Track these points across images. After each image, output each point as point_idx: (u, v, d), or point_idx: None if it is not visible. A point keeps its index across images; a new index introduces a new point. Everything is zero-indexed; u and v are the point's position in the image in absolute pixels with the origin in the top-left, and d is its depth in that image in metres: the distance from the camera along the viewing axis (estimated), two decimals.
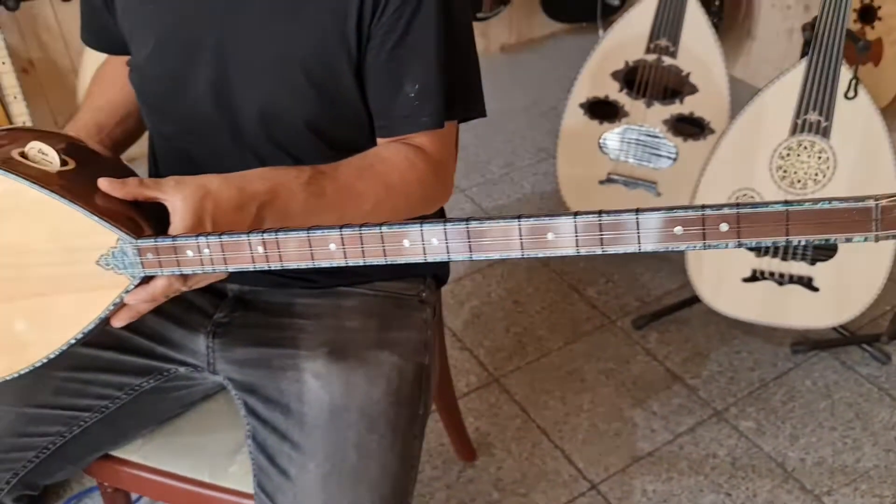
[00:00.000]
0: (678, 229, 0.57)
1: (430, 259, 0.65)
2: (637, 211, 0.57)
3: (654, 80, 1.82)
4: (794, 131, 1.56)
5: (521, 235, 0.61)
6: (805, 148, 1.56)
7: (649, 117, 1.84)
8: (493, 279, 2.03)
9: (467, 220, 0.63)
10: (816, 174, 1.57)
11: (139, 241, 0.74)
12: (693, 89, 1.80)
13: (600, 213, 0.59)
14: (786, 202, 0.54)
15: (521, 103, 2.74)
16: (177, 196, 0.75)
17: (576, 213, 0.59)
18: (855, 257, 1.60)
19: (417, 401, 0.98)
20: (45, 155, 0.80)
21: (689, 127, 1.83)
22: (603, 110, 1.88)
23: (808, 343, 1.79)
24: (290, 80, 0.91)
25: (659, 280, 2.00)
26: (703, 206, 0.56)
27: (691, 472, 1.57)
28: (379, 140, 0.95)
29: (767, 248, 1.63)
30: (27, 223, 0.78)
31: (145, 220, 0.77)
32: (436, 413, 1.49)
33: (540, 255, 0.61)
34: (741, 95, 1.76)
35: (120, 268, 0.76)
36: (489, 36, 2.99)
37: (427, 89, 0.90)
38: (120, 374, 1.00)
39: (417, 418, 0.98)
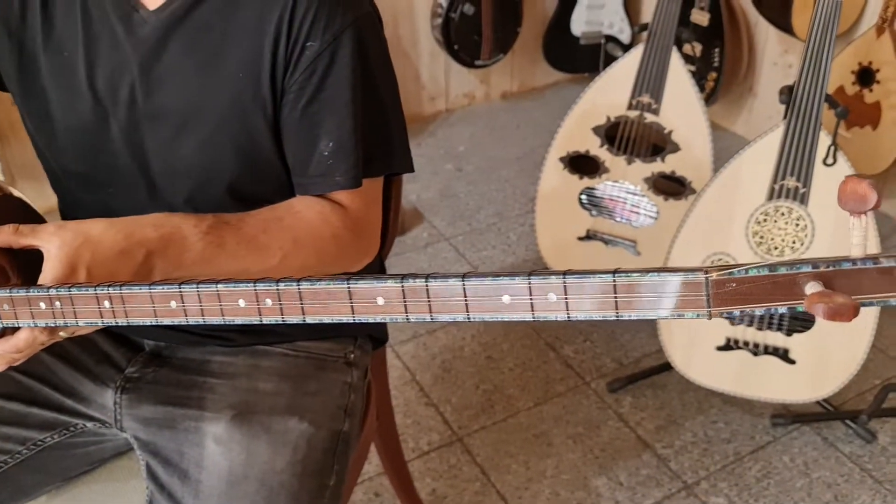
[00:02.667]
0: (506, 298, 0.52)
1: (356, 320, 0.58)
2: (463, 277, 0.53)
3: (635, 137, 1.78)
4: (771, 196, 1.50)
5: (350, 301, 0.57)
6: (782, 214, 1.50)
7: (630, 174, 1.79)
8: (469, 332, 1.97)
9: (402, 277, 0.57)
10: (794, 242, 1.50)
11: None
12: (675, 147, 1.75)
13: (427, 277, 0.54)
14: (615, 271, 0.49)
15: (517, 152, 2.71)
16: (53, 243, 0.72)
17: (403, 276, 0.55)
18: (834, 328, 1.53)
19: (328, 470, 0.93)
20: None
21: (671, 185, 1.77)
22: (583, 165, 1.84)
23: (790, 416, 1.70)
24: (206, 138, 0.88)
25: (639, 341, 1.94)
26: (531, 273, 0.51)
27: None
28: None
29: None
30: None
31: (17, 268, 0.74)
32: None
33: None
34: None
35: None
36: (490, 83, 2.98)
37: (341, 148, 0.87)
38: (24, 427, 0.96)
39: (327, 489, 0.93)
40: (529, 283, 0.51)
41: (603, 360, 1.90)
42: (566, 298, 0.51)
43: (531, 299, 0.51)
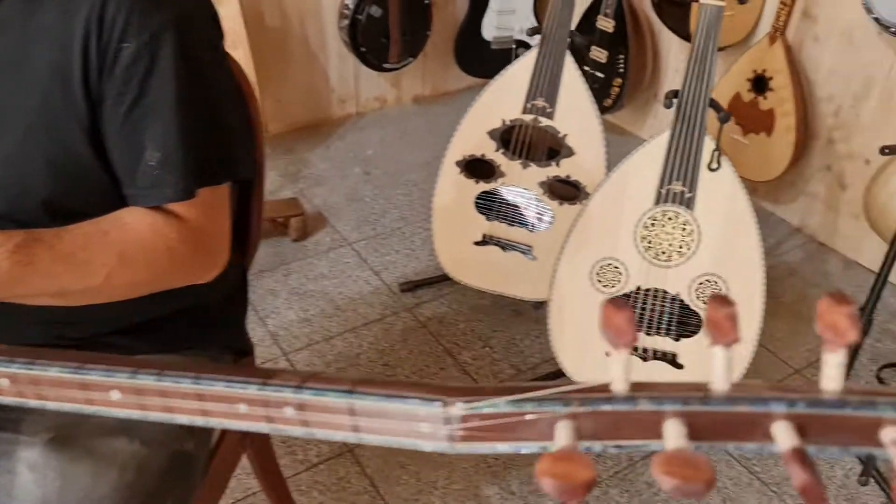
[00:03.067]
0: (242, 407, 0.48)
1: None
2: (196, 377, 0.49)
3: (530, 141, 1.76)
4: (658, 201, 1.50)
5: None
6: (670, 219, 1.50)
7: (525, 179, 1.78)
8: (366, 340, 1.93)
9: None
10: (681, 246, 1.50)
11: None
12: (569, 152, 1.74)
13: (159, 373, 0.50)
14: (350, 390, 0.47)
15: (426, 156, 2.67)
16: None
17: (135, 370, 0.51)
18: None
19: (164, 494, 0.87)
20: None
21: (566, 190, 1.76)
22: (479, 169, 1.81)
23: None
24: (13, 149, 0.80)
25: (538, 346, 1.92)
26: (266, 381, 0.48)
27: None
28: None
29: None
30: None
31: None
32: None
33: None
34: None
35: None
36: (402, 87, 2.94)
37: (168, 157, 0.80)
38: None
39: None
40: (264, 395, 0.47)
41: (501, 365, 1.87)
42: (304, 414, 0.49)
43: (266, 411, 0.48)
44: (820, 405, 0.43)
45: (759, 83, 2.12)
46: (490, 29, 2.87)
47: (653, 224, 1.51)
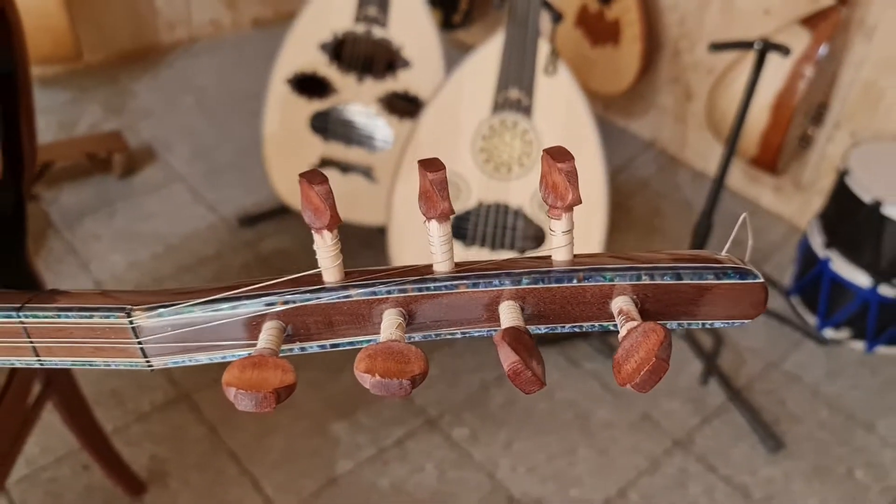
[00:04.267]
0: None
1: None
2: None
3: (364, 54, 1.63)
4: (495, 109, 1.42)
5: None
6: (508, 128, 1.42)
7: (362, 94, 1.66)
8: (204, 279, 1.78)
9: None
10: (521, 157, 1.43)
11: None
12: (406, 64, 1.63)
13: None
14: (19, 308, 0.39)
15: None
16: None
17: None
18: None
19: None
20: None
21: (404, 105, 1.66)
22: (311, 86, 1.67)
23: (535, 337, 1.67)
24: None
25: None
26: None
27: (391, 492, 1.40)
28: None
29: (472, 234, 1.49)
30: None
31: None
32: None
33: None
34: None
35: None
36: (238, 8, 2.72)
37: None
38: None
39: None
40: None
41: None
42: None
43: None
44: (547, 279, 0.37)
45: None
46: None
47: (491, 134, 1.43)
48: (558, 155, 0.34)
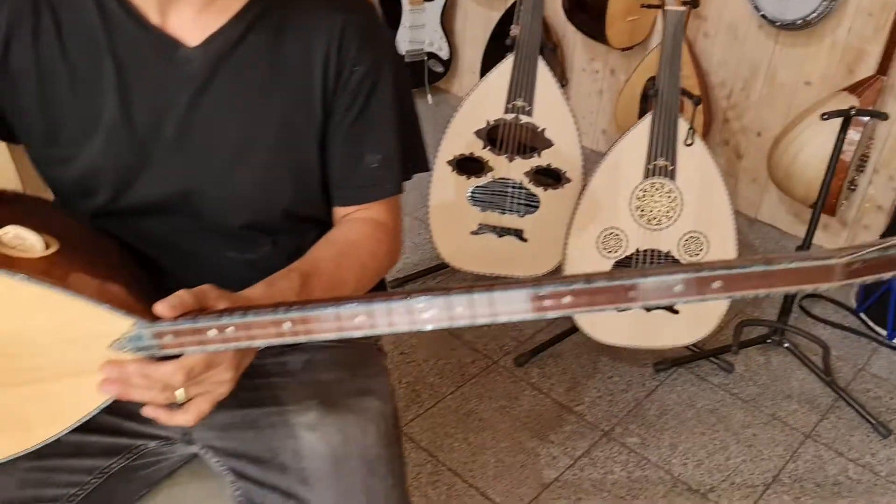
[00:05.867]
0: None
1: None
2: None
3: (513, 137, 1.99)
4: (647, 175, 1.79)
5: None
6: (657, 189, 1.79)
7: (512, 170, 2.01)
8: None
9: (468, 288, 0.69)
10: (668, 211, 1.79)
11: (156, 325, 0.74)
12: (548, 143, 1.99)
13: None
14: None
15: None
16: (222, 304, 0.77)
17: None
18: None
19: (400, 440, 1.02)
20: (24, 240, 0.77)
21: (548, 178, 2.01)
22: (469, 166, 2.02)
23: (668, 361, 2.01)
24: (263, 167, 0.92)
25: (540, 323, 2.16)
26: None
27: (595, 491, 1.70)
28: (335, 209, 1.01)
29: None
30: (22, 313, 0.75)
31: (144, 299, 0.77)
32: None
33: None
34: None
35: (135, 350, 0.75)
36: None
37: (389, 159, 0.97)
38: (87, 457, 0.95)
39: (402, 456, 1.03)
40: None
41: (503, 340, 2.09)
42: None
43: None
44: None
45: None
46: (403, 43, 3.07)
47: (643, 195, 1.79)
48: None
